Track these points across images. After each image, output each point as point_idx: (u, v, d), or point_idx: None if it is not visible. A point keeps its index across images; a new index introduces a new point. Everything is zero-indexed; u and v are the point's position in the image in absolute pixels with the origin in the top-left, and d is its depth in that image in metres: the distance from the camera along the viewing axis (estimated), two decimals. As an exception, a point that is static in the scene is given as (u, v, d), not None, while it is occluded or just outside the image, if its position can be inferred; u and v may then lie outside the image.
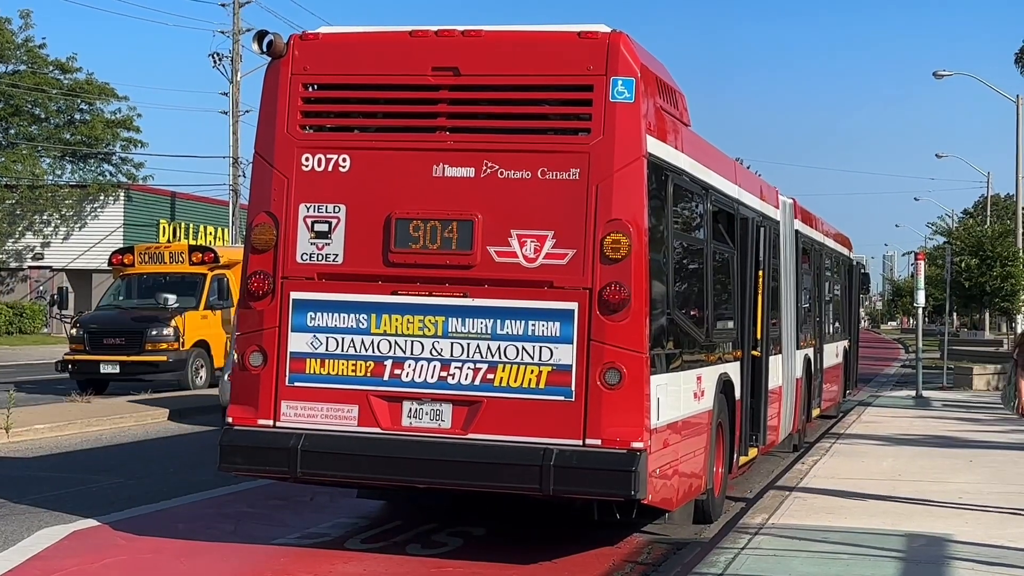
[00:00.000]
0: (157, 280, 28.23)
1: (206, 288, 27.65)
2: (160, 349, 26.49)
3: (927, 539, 10.62)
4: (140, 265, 28.22)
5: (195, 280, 27.81)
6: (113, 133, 50.97)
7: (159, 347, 26.48)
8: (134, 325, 26.79)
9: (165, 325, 26.59)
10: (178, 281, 27.91)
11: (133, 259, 28.38)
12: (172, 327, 26.59)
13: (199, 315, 27.30)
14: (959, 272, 46.17)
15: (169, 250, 29.03)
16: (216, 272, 27.96)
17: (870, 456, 16.63)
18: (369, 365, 9.85)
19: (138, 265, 28.22)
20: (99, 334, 26.80)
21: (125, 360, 26.38)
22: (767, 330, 15.13)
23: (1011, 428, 20.93)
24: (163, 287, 27.76)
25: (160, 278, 28.22)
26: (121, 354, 26.42)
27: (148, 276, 28.37)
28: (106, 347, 26.56)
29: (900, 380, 38.46)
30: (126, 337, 26.56)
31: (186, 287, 27.70)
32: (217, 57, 47.17)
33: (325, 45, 10.25)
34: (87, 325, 27.31)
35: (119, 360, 26.39)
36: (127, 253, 29.05)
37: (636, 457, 9.33)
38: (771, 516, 11.54)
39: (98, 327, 27.09)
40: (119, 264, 28.55)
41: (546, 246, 9.59)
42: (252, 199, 10.37)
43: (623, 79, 9.57)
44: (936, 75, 49.35)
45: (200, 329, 27.28)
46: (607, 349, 9.43)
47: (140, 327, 26.64)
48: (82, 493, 13.40)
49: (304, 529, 11.47)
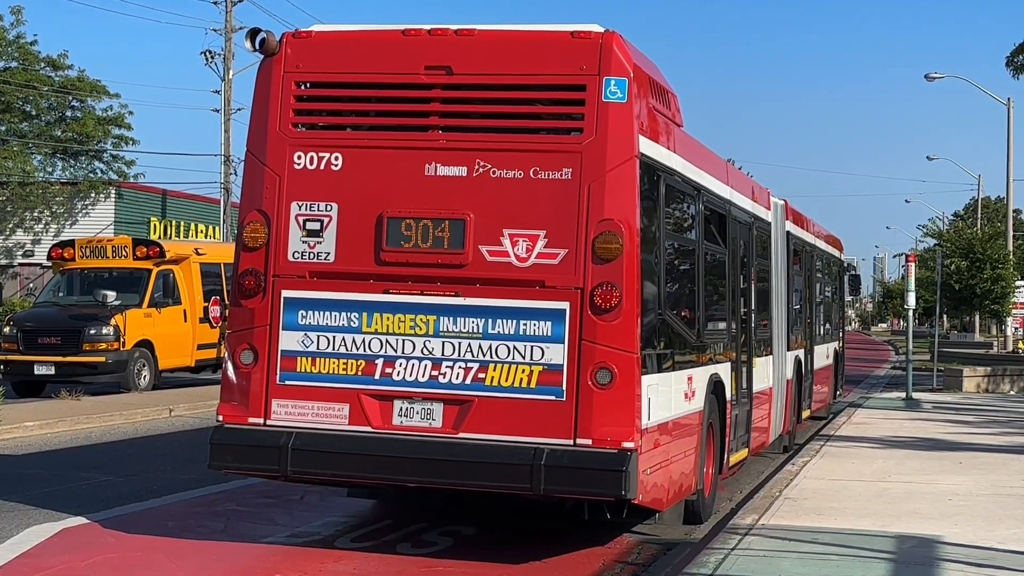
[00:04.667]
0: (99, 276, 26.99)
1: (150, 285, 26.62)
2: (99, 349, 25.32)
3: (917, 540, 10.63)
4: (81, 260, 27.05)
5: (139, 276, 26.72)
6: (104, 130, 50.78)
7: (98, 347, 25.31)
8: (71, 324, 25.51)
9: (104, 324, 25.38)
10: (121, 277, 26.79)
11: (74, 253, 27.13)
12: (112, 326, 25.40)
13: (142, 313, 26.22)
14: (949, 274, 46.26)
15: (112, 244, 27.83)
16: (162, 268, 27.00)
17: (860, 457, 16.65)
18: (360, 364, 9.84)
19: (79, 260, 27.05)
20: (33, 333, 25.56)
21: (61, 361, 25.17)
22: (758, 331, 15.17)
23: (1001, 430, 21.04)
24: (104, 283, 26.51)
25: (102, 273, 27.00)
26: (57, 354, 25.22)
27: (89, 271, 27.15)
28: (41, 347, 25.35)
29: (890, 382, 38.50)
30: (62, 336, 25.34)
31: (129, 283, 26.57)
32: (209, 55, 47.07)
33: (318, 43, 10.25)
34: (21, 323, 26.10)
35: (54, 361, 25.20)
36: (67, 247, 27.67)
37: (627, 457, 9.34)
38: (761, 517, 11.55)
39: (33, 325, 25.86)
40: (59, 258, 27.34)
41: (538, 246, 9.59)
42: (244, 197, 10.36)
43: (616, 79, 9.58)
44: (928, 77, 49.56)
45: (143, 328, 26.17)
46: (598, 349, 9.44)
47: (77, 326, 25.37)
48: (72, 491, 13.38)
49: (294, 528, 11.46)
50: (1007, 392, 32.52)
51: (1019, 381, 33.40)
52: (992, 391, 32.52)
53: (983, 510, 12.36)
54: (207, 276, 28.48)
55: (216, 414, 10.25)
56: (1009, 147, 50.46)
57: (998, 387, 32.92)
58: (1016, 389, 32.92)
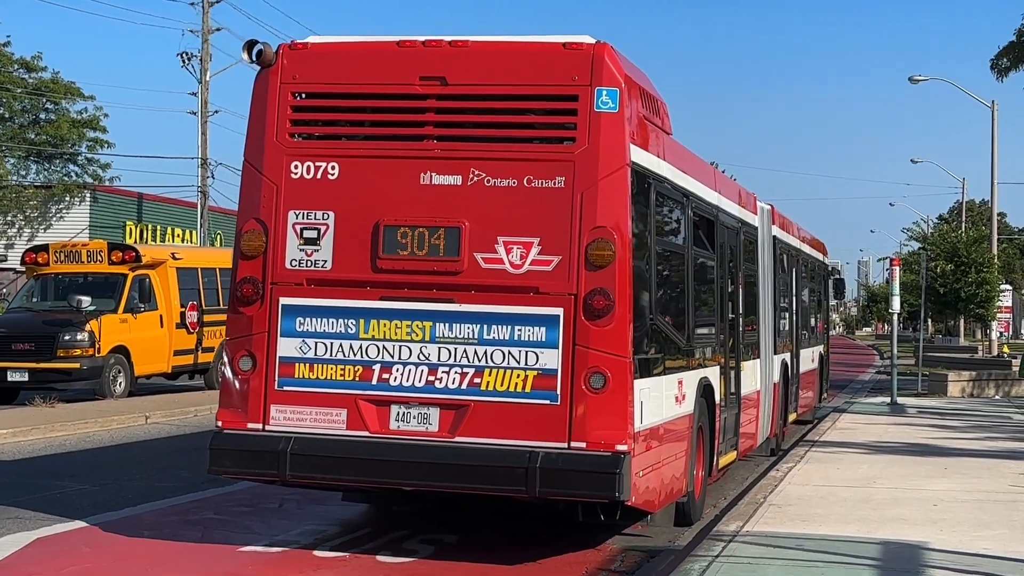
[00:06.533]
0: (73, 281, 26.97)
1: (126, 290, 26.59)
2: (73, 356, 25.19)
3: (902, 547, 10.73)
4: (55, 264, 26.98)
5: (115, 281, 26.67)
6: (79, 133, 50.93)
7: (72, 353, 25.19)
8: (45, 329, 25.46)
9: (79, 329, 25.32)
10: (96, 282, 26.73)
11: (48, 258, 27.07)
12: (87, 331, 25.35)
13: (118, 319, 26.18)
14: (934, 278, 46.65)
15: (87, 248, 27.72)
16: (138, 272, 26.90)
17: (845, 463, 16.79)
18: (357, 369, 10.17)
19: (53, 264, 26.98)
20: (7, 339, 25.40)
21: (35, 367, 25.04)
22: (746, 335, 15.55)
23: (986, 435, 21.18)
24: (79, 288, 26.43)
25: (77, 278, 26.98)
26: (30, 361, 25.05)
27: (64, 276, 27.13)
28: (14, 353, 25.15)
29: (875, 386, 38.77)
30: (36, 342, 25.24)
31: (105, 288, 26.51)
32: (186, 57, 47.18)
33: (314, 54, 10.58)
34: None
35: (28, 367, 25.04)
36: (41, 251, 27.59)
37: (620, 460, 9.69)
38: (746, 523, 11.65)
39: (6, 331, 25.76)
40: (33, 263, 27.32)
41: (532, 253, 9.93)
42: (242, 206, 10.65)
43: (607, 89, 9.92)
44: (912, 80, 49.90)
45: (119, 334, 26.11)
46: (592, 354, 9.78)
47: (51, 331, 25.30)
48: (46, 499, 13.35)
49: (272, 536, 11.49)
50: (992, 396, 32.76)
51: (1004, 385, 33.66)
52: (977, 395, 32.78)
53: (968, 515, 12.47)
54: (184, 281, 28.47)
55: (215, 419, 10.56)
56: (993, 150, 50.86)
57: (983, 391, 33.20)
58: (1001, 393, 33.20)
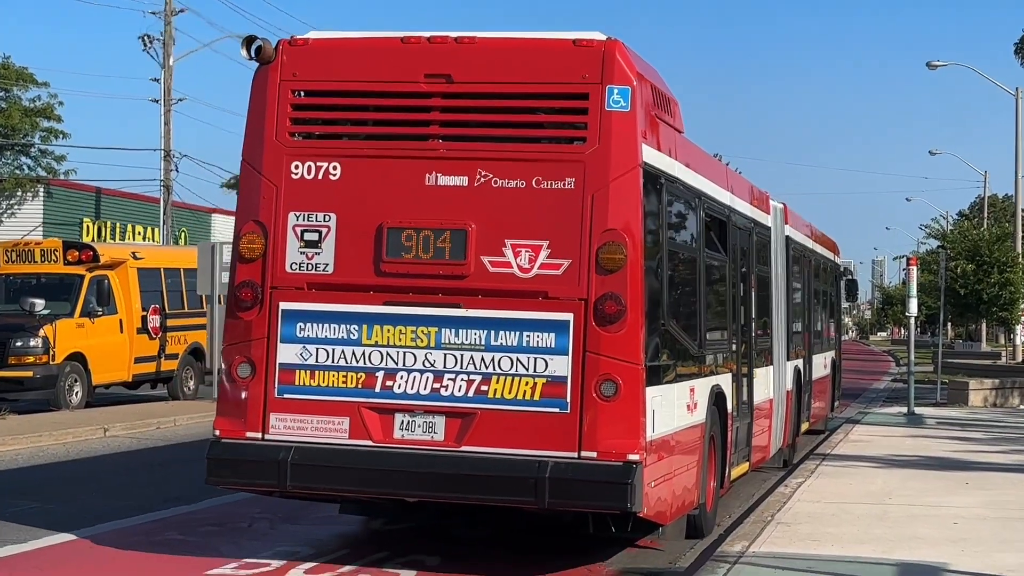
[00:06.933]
0: (26, 282, 27.02)
1: (83, 292, 26.56)
2: (26, 363, 25.23)
3: (920, 568, 10.87)
4: (7, 265, 27.11)
5: (70, 283, 26.69)
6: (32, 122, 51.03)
7: (24, 361, 25.23)
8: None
9: (32, 335, 25.34)
10: (50, 284, 26.80)
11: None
12: (40, 337, 25.37)
13: (74, 323, 26.20)
14: (954, 279, 46.68)
15: (40, 247, 27.80)
16: (96, 273, 26.96)
17: (858, 477, 17.03)
18: (360, 376, 10.64)
19: (4, 265, 27.13)
20: None
21: None
22: (758, 341, 16.06)
23: (1010, 448, 21.44)
24: (32, 290, 26.47)
25: (29, 280, 27.06)
26: None
27: (15, 277, 27.18)
28: None
29: (890, 395, 39.09)
30: None
31: (60, 291, 26.53)
32: (148, 40, 47.28)
33: (315, 50, 11.03)
34: None
35: None
36: None
37: (632, 469, 10.17)
38: (751, 544, 11.84)
39: None
40: None
41: (541, 256, 10.42)
42: (240, 207, 11.12)
43: (619, 87, 10.42)
44: (930, 66, 50.24)
45: (75, 339, 26.13)
46: (603, 360, 10.27)
47: (2, 337, 25.28)
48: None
49: (242, 559, 11.47)
50: (1016, 406, 33.05)
51: (1029, 394, 33.91)
52: (1000, 405, 33.07)
53: (991, 534, 12.67)
54: (145, 282, 28.59)
55: (212, 428, 11.01)
56: (1017, 141, 51.09)
57: (1007, 401, 33.48)
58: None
